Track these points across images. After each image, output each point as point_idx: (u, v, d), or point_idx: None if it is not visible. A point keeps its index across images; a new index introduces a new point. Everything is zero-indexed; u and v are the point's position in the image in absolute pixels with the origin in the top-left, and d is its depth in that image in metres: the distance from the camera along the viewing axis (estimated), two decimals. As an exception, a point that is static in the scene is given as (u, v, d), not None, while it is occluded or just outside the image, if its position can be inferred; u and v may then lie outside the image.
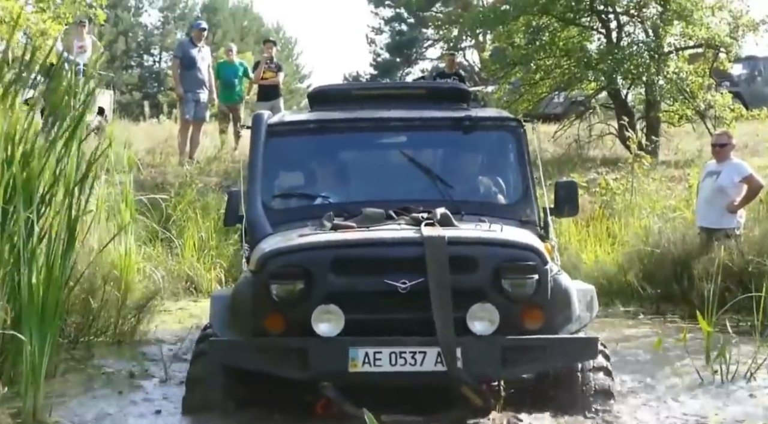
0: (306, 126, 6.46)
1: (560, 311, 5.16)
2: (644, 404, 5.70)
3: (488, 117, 6.48)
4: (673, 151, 15.53)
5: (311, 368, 4.86)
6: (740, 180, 8.86)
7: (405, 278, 4.93)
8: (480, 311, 4.92)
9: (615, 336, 7.81)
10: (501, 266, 4.99)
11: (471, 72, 34.88)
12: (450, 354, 4.79)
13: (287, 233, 5.44)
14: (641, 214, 10.94)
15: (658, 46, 15.48)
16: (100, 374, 6.23)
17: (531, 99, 16.69)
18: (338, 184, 6.35)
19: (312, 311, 4.88)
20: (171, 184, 11.87)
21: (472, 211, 5.75)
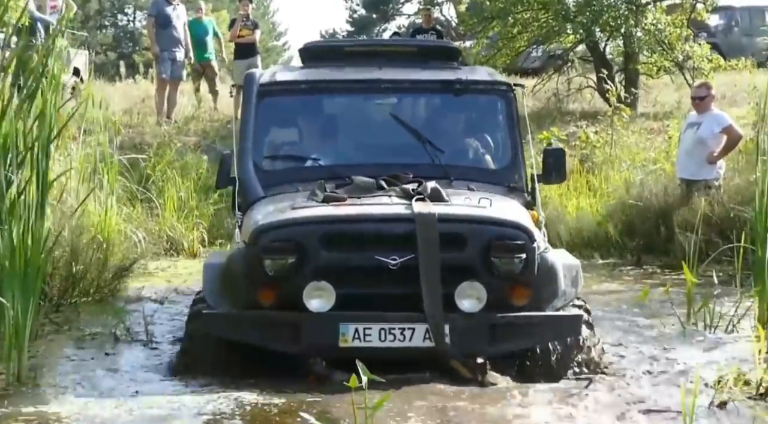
0: (298, 86, 6.38)
1: (546, 287, 5.21)
2: (626, 356, 5.78)
3: (479, 80, 6.42)
4: (651, 104, 15.53)
5: (302, 343, 4.95)
6: (720, 131, 8.86)
7: (395, 254, 4.98)
8: (468, 289, 4.99)
9: (599, 288, 7.83)
10: (490, 244, 5.03)
11: (448, 27, 34.62)
12: (438, 331, 4.88)
13: (279, 202, 5.48)
14: (621, 167, 10.94)
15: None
16: (83, 336, 6.16)
17: (509, 53, 16.61)
18: (329, 146, 6.34)
19: (304, 286, 4.95)
20: (149, 144, 11.76)
21: (460, 175, 5.85)
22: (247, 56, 14.66)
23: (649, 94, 15.93)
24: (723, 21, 23.48)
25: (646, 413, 4.61)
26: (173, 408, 4.64)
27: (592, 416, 4.59)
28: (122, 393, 4.98)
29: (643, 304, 6.72)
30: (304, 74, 6.56)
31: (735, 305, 6.16)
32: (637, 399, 4.86)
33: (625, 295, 7.72)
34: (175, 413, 4.56)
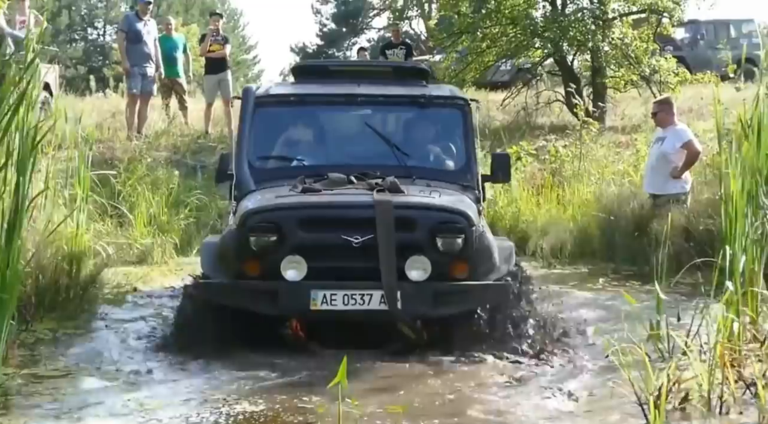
0: (288, 99, 7.55)
1: (483, 263, 6.21)
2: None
3: (441, 96, 7.48)
4: (619, 117, 15.64)
5: (280, 306, 5.95)
6: (681, 146, 8.91)
7: (358, 234, 6.00)
8: (416, 262, 6.00)
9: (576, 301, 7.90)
10: (435, 227, 6.08)
11: (417, 41, 34.77)
12: (391, 296, 5.86)
13: (265, 193, 6.48)
14: (590, 180, 11.00)
15: (602, 13, 15.56)
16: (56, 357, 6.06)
17: (478, 67, 16.68)
18: (312, 149, 7.37)
19: (281, 259, 5.95)
20: (120, 159, 11.66)
21: (422, 175, 6.88)
22: (217, 71, 14.66)
23: (617, 108, 16.05)
24: (689, 34, 23.69)
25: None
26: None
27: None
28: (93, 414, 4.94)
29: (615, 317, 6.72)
30: (293, 89, 7.70)
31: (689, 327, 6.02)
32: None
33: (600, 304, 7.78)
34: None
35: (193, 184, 11.78)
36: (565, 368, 5.90)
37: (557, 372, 5.81)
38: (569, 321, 7.03)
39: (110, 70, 33.46)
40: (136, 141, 13.04)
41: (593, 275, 9.16)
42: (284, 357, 5.89)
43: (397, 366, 5.77)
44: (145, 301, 7.95)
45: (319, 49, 44.76)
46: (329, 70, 8.26)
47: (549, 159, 11.72)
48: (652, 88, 15.33)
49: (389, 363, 5.83)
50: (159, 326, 6.94)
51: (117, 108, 15.55)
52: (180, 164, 12.36)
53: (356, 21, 44.58)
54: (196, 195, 11.26)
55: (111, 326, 6.84)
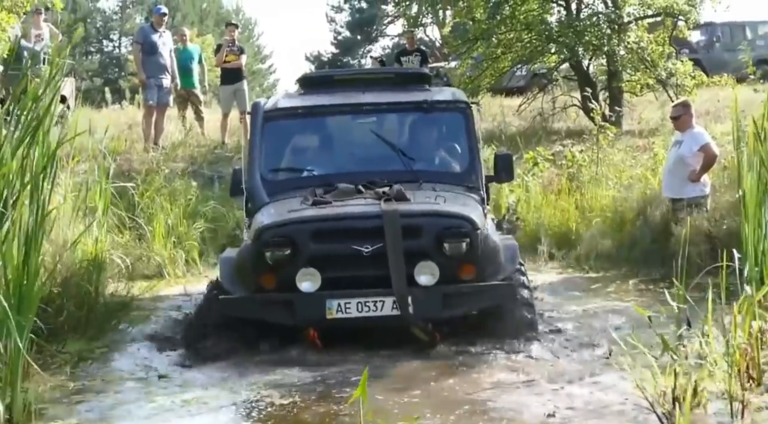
0: (296, 111, 7.68)
1: (489, 264, 6.52)
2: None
3: (442, 100, 7.76)
4: (636, 121, 15.59)
5: (297, 317, 6.28)
6: (698, 149, 8.86)
7: (368, 243, 6.30)
8: (424, 267, 6.29)
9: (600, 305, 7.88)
10: (441, 233, 6.36)
11: (432, 47, 34.78)
12: (403, 301, 6.16)
13: (278, 206, 6.76)
14: (608, 185, 10.97)
15: (617, 17, 15.50)
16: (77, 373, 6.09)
17: (493, 73, 16.66)
18: (322, 159, 7.68)
19: (297, 272, 6.25)
20: (137, 171, 11.72)
21: (428, 179, 7.18)
22: (233, 81, 14.70)
23: (634, 112, 15.99)
24: (704, 37, 23.63)
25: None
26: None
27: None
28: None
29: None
30: (300, 101, 7.85)
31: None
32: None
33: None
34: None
35: (210, 194, 11.81)
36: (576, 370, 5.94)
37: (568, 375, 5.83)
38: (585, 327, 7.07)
39: (126, 82, 33.66)
40: (153, 152, 13.09)
41: (615, 280, 9.14)
42: (307, 360, 6.25)
43: (412, 367, 6.06)
44: (164, 311, 8.07)
45: (334, 57, 44.86)
46: (334, 80, 8.49)
47: (566, 164, 11.70)
48: (669, 91, 15.27)
49: (403, 364, 6.09)
50: (177, 334, 7.06)
51: (133, 120, 15.61)
52: (197, 175, 12.41)
53: (370, 29, 44.64)
54: (212, 206, 11.31)
55: (136, 339, 6.96)
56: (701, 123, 9.85)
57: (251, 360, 6.27)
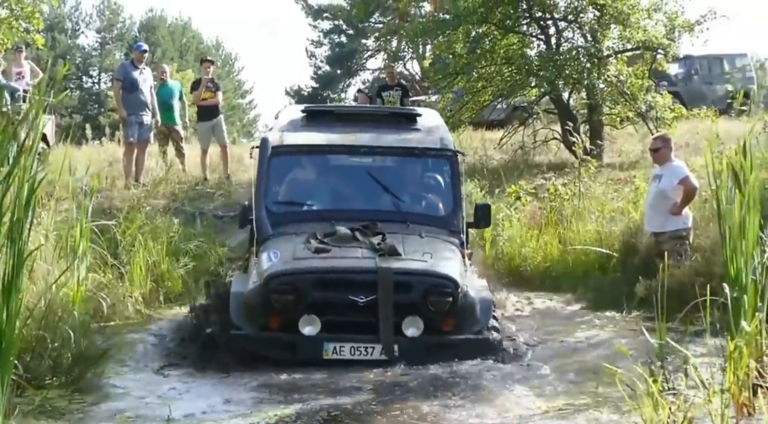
0: (300, 148, 8.49)
1: (467, 318, 7.30)
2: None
3: (432, 148, 8.52)
4: (617, 154, 15.69)
5: (298, 356, 7.07)
6: (678, 182, 8.91)
7: (362, 294, 7.09)
8: (412, 321, 7.08)
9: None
10: (427, 290, 7.15)
11: (412, 81, 34.98)
12: (389, 348, 7.01)
13: (284, 248, 7.49)
14: (590, 218, 11.01)
15: (597, 50, 15.61)
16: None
17: (474, 107, 16.75)
18: (320, 194, 8.52)
19: (300, 316, 7.04)
20: (119, 208, 11.64)
21: (415, 220, 8.05)
22: (210, 118, 14.76)
23: (614, 145, 16.10)
24: (683, 70, 23.86)
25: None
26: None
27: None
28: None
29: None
30: (303, 137, 8.54)
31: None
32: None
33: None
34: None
35: (192, 231, 11.75)
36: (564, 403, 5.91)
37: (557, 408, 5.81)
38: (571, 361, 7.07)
39: (106, 118, 33.62)
40: (134, 189, 13.04)
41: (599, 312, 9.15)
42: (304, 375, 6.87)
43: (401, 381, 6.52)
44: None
45: (314, 91, 44.96)
46: (334, 114, 9.20)
47: (548, 197, 11.74)
48: (649, 124, 15.39)
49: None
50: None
51: (113, 156, 15.58)
52: (179, 212, 12.35)
53: (350, 63, 44.80)
54: (194, 242, 11.23)
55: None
56: (681, 156, 9.91)
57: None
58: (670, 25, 15.84)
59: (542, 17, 16.29)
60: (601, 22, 15.71)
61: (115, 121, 27.60)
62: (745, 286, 5.80)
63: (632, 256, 9.64)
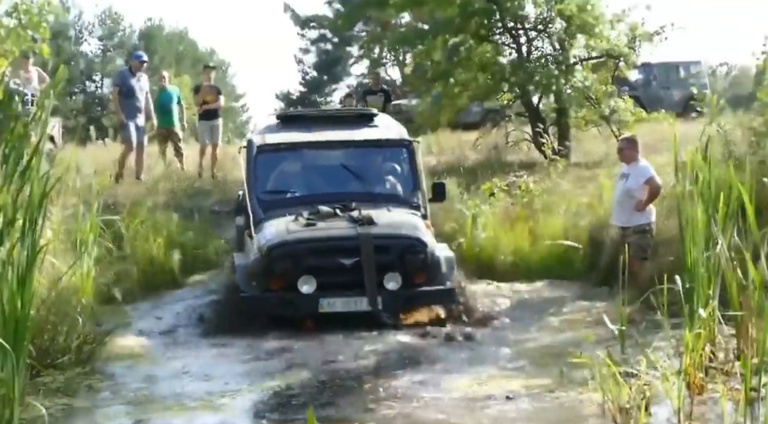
0: (281, 146, 9.31)
1: (435, 273, 8.19)
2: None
3: (392, 139, 9.47)
4: (583, 154, 15.71)
5: (298, 311, 7.98)
6: (643, 182, 8.96)
7: (349, 257, 8.00)
8: (391, 276, 8.01)
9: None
10: (402, 250, 8.10)
11: (393, 86, 34.96)
12: (373, 300, 7.85)
13: (278, 225, 8.28)
14: (559, 213, 11.07)
15: (564, 58, 15.66)
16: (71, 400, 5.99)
17: (451, 110, 16.77)
18: (301, 183, 9.29)
19: (296, 277, 7.90)
20: (123, 204, 11.62)
21: (382, 200, 8.92)
22: (210, 118, 14.77)
23: (580, 145, 16.15)
24: (642, 76, 23.96)
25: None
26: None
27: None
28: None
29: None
30: (282, 137, 9.36)
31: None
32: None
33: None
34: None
35: (190, 225, 11.73)
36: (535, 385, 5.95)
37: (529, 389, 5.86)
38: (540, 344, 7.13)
39: (108, 120, 33.42)
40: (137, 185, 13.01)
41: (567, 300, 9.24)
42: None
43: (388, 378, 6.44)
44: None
45: (303, 95, 44.91)
46: (306, 117, 10.14)
47: (520, 194, 11.77)
48: (612, 126, 15.44)
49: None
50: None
51: (116, 156, 15.50)
52: (178, 208, 12.33)
53: (336, 69, 44.76)
54: (192, 236, 11.24)
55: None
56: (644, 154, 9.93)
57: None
58: (632, 35, 15.90)
59: (514, 27, 16.30)
60: (568, 32, 15.75)
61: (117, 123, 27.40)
62: (700, 276, 5.88)
63: (598, 248, 9.70)
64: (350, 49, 43.49)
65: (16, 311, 4.96)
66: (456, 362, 6.83)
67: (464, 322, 8.20)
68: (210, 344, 7.67)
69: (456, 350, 7.24)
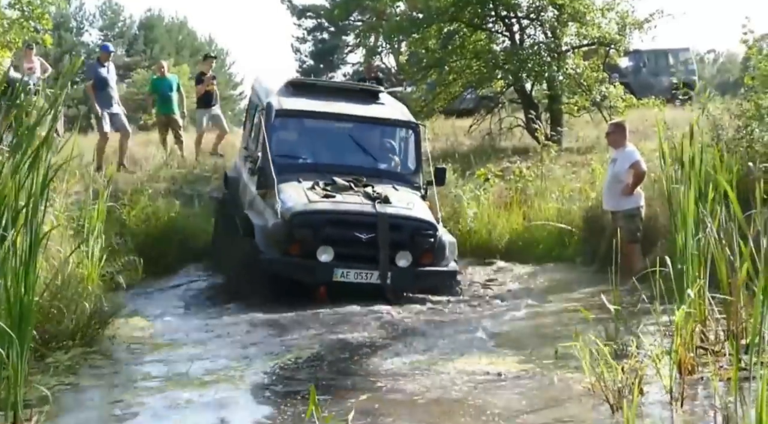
0: (300, 113, 9.39)
1: (441, 254, 8.50)
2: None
3: (401, 120, 9.64)
4: (575, 139, 15.72)
5: (315, 277, 8.19)
6: (629, 166, 8.95)
7: (365, 232, 8.23)
8: (403, 254, 8.27)
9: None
10: (414, 231, 8.37)
11: (389, 74, 34.85)
12: (384, 275, 8.18)
13: (297, 190, 8.47)
14: (552, 197, 11.06)
15: (556, 46, 15.66)
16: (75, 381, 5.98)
17: (446, 97, 16.76)
18: (313, 150, 9.42)
19: (317, 246, 8.13)
20: (123, 191, 11.61)
21: (386, 177, 9.13)
22: (208, 105, 14.76)
23: (572, 131, 16.14)
24: (632, 63, 23.92)
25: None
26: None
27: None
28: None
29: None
30: (301, 104, 9.43)
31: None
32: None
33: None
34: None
35: (191, 211, 11.72)
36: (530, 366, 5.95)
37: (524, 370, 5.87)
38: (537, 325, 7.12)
39: (109, 109, 33.25)
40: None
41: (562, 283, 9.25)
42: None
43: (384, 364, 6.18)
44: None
45: (300, 83, 44.72)
46: (316, 86, 10.31)
47: (513, 179, 11.77)
48: (603, 112, 15.45)
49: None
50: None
51: (116, 144, 15.49)
52: (178, 194, 12.31)
53: (332, 58, 44.64)
54: (193, 222, 11.22)
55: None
56: (632, 141, 9.92)
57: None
58: (622, 22, 15.91)
59: (507, 16, 16.27)
60: (560, 20, 15.74)
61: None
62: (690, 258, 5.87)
63: (592, 232, 9.69)
64: (346, 38, 43.34)
65: (20, 297, 4.93)
66: (450, 341, 6.81)
67: (460, 302, 8.34)
68: (212, 325, 7.65)
69: (451, 329, 7.23)
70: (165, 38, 47.96)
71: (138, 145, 15.70)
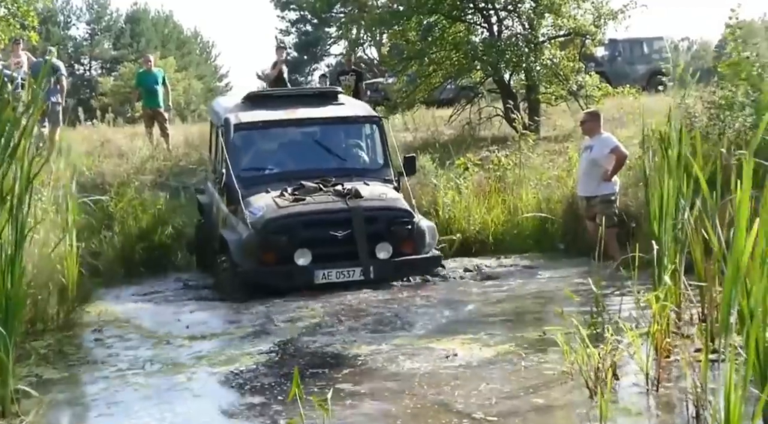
0: (258, 124, 9.11)
1: (421, 241, 8.30)
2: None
3: (362, 115, 9.47)
4: (552, 128, 15.68)
5: (295, 282, 7.90)
6: (609, 152, 8.93)
7: (341, 229, 8.01)
8: (382, 246, 8.09)
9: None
10: (391, 221, 8.17)
11: (371, 65, 34.74)
12: (366, 270, 7.97)
13: (266, 200, 8.20)
14: (530, 185, 11.03)
15: (533, 37, 15.57)
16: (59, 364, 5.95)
17: (426, 88, 16.67)
18: (277, 160, 9.13)
19: (293, 251, 7.90)
20: (110, 184, 11.48)
21: (356, 174, 8.82)
22: None
23: (550, 120, 16.10)
24: (608, 52, 23.94)
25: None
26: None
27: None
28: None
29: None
30: (258, 116, 9.15)
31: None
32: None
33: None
34: None
35: (177, 203, 11.61)
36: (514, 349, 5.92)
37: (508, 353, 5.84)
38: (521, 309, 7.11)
39: (97, 102, 33.05)
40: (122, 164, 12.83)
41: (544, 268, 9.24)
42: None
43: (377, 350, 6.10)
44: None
45: (284, 75, 44.52)
46: (271, 96, 10.05)
47: (493, 168, 11.71)
48: (580, 101, 15.38)
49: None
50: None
51: (104, 136, 15.39)
52: (164, 186, 12.20)
53: (315, 49, 44.47)
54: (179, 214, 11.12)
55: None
56: (608, 128, 9.89)
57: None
58: (597, 13, 15.83)
59: (485, 7, 16.17)
60: (536, 12, 15.65)
61: (104, 105, 27.19)
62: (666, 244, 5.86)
63: (572, 219, 9.67)
64: (329, 30, 43.15)
65: (6, 291, 4.87)
66: (433, 327, 6.78)
67: (444, 286, 8.29)
68: (194, 312, 7.61)
69: (434, 315, 7.19)
70: (151, 32, 47.57)
71: (125, 137, 15.57)
